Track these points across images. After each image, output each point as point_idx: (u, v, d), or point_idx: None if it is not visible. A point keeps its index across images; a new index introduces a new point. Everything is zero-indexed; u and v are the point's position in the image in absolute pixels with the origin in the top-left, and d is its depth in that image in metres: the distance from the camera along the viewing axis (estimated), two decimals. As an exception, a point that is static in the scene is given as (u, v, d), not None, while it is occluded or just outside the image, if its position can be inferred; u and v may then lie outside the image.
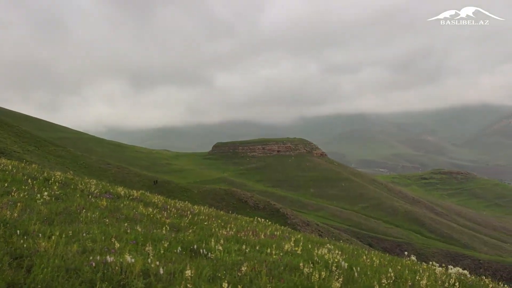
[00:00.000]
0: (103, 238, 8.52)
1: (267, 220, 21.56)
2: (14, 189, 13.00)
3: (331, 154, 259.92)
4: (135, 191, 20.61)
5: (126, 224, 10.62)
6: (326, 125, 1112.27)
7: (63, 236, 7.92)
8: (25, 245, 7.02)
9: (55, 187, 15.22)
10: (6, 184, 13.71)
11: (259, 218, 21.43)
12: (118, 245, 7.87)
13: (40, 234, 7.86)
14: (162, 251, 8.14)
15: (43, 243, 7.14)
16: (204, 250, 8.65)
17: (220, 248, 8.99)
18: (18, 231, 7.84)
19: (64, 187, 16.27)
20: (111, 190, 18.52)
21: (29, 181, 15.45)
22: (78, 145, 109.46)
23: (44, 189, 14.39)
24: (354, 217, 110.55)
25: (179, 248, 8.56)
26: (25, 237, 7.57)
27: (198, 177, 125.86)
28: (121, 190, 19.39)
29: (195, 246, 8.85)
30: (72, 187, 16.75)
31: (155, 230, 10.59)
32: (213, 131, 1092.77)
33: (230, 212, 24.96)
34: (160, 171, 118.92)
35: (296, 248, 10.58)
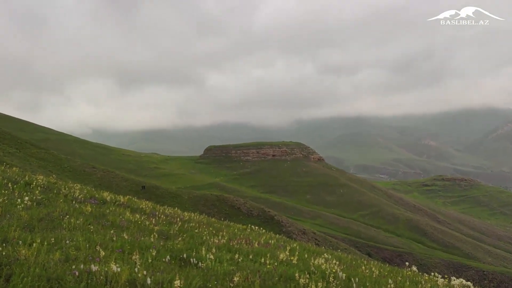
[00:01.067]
0: (87, 246, 8.47)
1: (261, 228, 21.58)
2: (-7, 194, 12.89)
3: (329, 159, 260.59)
4: (121, 197, 20.52)
5: (112, 231, 10.57)
6: (323, 129, 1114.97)
7: (45, 243, 7.87)
8: (4, 253, 6.96)
9: (37, 192, 15.13)
10: (-16, 188, 13.58)
11: (252, 226, 21.46)
12: (103, 253, 7.83)
13: (20, 241, 7.80)
14: (150, 260, 8.11)
15: (23, 251, 7.08)
16: (194, 259, 8.63)
17: (211, 257, 8.97)
18: (-4, 238, 7.74)
19: (46, 192, 16.17)
20: (97, 195, 18.43)
21: (10, 185, 15.34)
22: (62, 147, 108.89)
23: (25, 193, 14.29)
24: (353, 225, 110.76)
25: (168, 257, 8.53)
26: (4, 245, 7.51)
27: (189, 182, 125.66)
28: (107, 195, 19.30)
29: (185, 255, 8.82)
30: (55, 191, 16.65)
31: (142, 238, 10.54)
32: (204, 134, 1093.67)
33: (222, 219, 24.93)
34: (148, 176, 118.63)
35: (292, 258, 10.58)
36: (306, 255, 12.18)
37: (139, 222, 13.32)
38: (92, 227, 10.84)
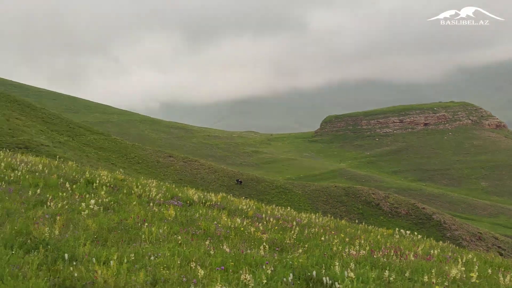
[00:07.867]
0: (178, 262, 8.99)
1: (414, 233, 21.44)
2: (50, 197, 14.14)
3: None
4: (212, 195, 21.40)
5: (207, 243, 11.09)
6: (500, 78, 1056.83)
7: (124, 261, 8.48)
8: (75, 274, 7.64)
9: (103, 193, 16.30)
10: (38, 191, 14.95)
11: (401, 230, 21.34)
12: (202, 272, 8.26)
13: (94, 259, 8.50)
14: (264, 281, 8.40)
15: (99, 271, 7.72)
16: (328, 278, 8.78)
17: (351, 275, 9.06)
18: (64, 255, 8.55)
19: (114, 193, 17.38)
20: (180, 194, 19.40)
21: (67, 185, 16.70)
22: (125, 131, 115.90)
23: (88, 196, 15.49)
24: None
25: (290, 275, 8.76)
26: (74, 263, 8.23)
27: (302, 171, 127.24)
28: (193, 193, 20.23)
29: (314, 273, 9.01)
30: (125, 191, 17.83)
31: (249, 250, 10.93)
32: (315, 99, 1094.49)
33: (356, 221, 25.01)
34: (244, 164, 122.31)
35: (472, 274, 10.35)
36: (489, 271, 11.86)
37: (241, 229, 13.79)
38: (179, 237, 11.45)
